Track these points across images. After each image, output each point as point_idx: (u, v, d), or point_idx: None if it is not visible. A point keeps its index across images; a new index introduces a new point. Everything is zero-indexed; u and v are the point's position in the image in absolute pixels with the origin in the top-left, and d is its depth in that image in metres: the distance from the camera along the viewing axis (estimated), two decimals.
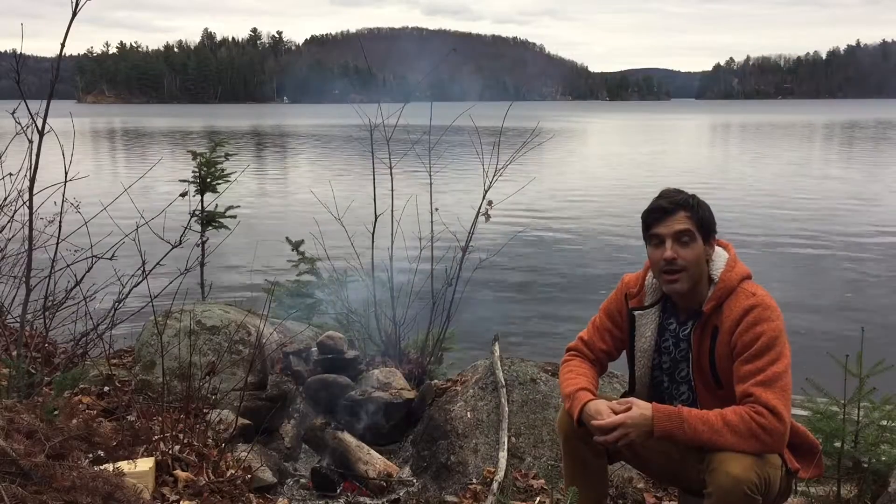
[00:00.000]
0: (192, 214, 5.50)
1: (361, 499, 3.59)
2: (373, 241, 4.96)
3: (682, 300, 2.44)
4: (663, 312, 2.53)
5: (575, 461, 2.54)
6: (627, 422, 2.22)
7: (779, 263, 11.29)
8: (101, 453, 2.73)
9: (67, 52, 3.65)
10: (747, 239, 12.76)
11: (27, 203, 3.62)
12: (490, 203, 4.79)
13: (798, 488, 2.97)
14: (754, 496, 2.10)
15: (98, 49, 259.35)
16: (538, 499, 3.27)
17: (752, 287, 2.34)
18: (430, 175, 4.96)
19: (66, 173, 3.73)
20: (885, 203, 17.64)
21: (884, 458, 2.90)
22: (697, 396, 2.44)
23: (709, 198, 2.56)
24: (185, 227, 4.53)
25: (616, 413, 2.27)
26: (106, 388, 4.00)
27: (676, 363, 2.49)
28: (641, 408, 2.24)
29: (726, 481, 2.11)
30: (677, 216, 2.36)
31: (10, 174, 4.63)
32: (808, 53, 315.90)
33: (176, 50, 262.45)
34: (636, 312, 2.54)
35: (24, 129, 3.56)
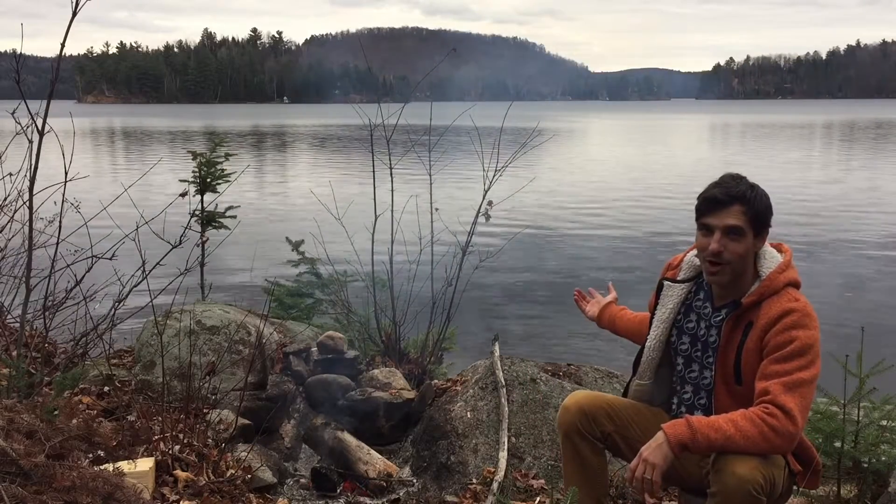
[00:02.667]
0: (192, 214, 5.50)
1: (361, 499, 3.59)
2: (373, 241, 4.96)
3: (721, 289, 2.42)
4: (695, 293, 2.51)
5: (574, 460, 2.53)
6: (644, 452, 2.19)
7: None
8: (101, 453, 2.73)
9: (67, 52, 3.66)
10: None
11: (27, 203, 3.62)
12: (490, 203, 4.79)
13: (799, 488, 2.97)
14: (759, 497, 2.09)
15: (98, 49, 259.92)
16: (538, 499, 3.27)
17: (797, 294, 2.30)
18: (430, 175, 4.96)
19: (66, 173, 3.72)
20: (885, 203, 17.65)
21: (884, 458, 2.90)
22: (714, 388, 2.40)
23: None
24: (185, 227, 4.53)
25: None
26: (106, 388, 4.00)
27: (706, 347, 2.44)
28: (654, 437, 2.21)
29: (732, 482, 2.09)
30: (731, 209, 2.29)
31: (10, 174, 4.63)
32: (808, 53, 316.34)
33: (176, 50, 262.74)
34: (665, 282, 2.55)
35: (24, 129, 3.56)
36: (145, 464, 2.79)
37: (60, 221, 3.82)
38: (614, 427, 2.51)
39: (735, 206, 2.29)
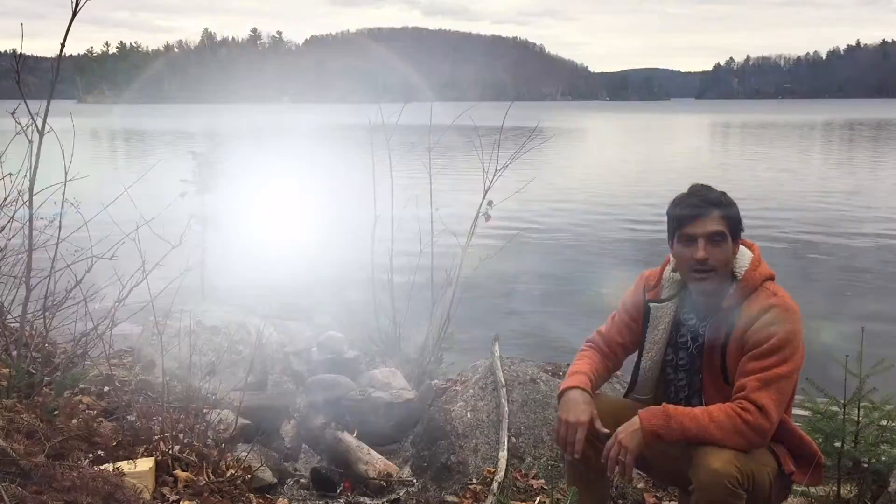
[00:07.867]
0: (193, 214, 5.50)
1: (361, 499, 3.59)
2: (373, 241, 4.96)
3: (706, 298, 2.42)
4: (681, 308, 2.51)
5: (576, 460, 2.53)
6: (619, 434, 2.24)
7: (778, 263, 11.21)
8: (101, 453, 2.73)
9: (68, 52, 3.65)
10: (746, 238, 12.75)
11: (27, 203, 3.62)
12: (490, 203, 4.80)
13: (798, 489, 2.97)
14: (737, 490, 2.11)
15: (98, 49, 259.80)
16: (538, 499, 3.27)
17: (775, 288, 2.33)
18: (430, 175, 4.97)
19: (66, 173, 3.72)
20: (885, 202, 17.64)
21: (884, 458, 2.90)
22: (704, 390, 2.42)
23: None
24: (186, 228, 4.52)
25: (593, 416, 2.33)
26: (106, 388, 4.00)
27: (694, 358, 2.47)
28: (630, 420, 2.26)
29: (706, 476, 2.12)
30: (711, 216, 2.33)
31: (10, 174, 4.62)
32: (808, 53, 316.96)
33: (176, 50, 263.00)
34: (652, 304, 2.54)
35: (24, 129, 3.56)
36: (145, 464, 2.79)
37: (60, 221, 3.82)
38: (614, 427, 2.51)
39: (714, 212, 2.34)
